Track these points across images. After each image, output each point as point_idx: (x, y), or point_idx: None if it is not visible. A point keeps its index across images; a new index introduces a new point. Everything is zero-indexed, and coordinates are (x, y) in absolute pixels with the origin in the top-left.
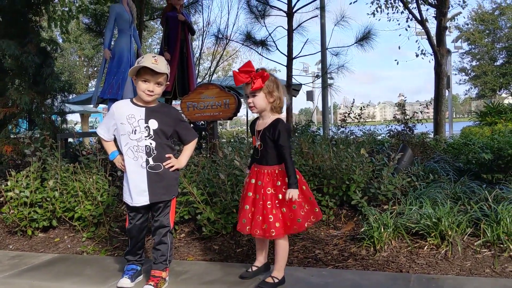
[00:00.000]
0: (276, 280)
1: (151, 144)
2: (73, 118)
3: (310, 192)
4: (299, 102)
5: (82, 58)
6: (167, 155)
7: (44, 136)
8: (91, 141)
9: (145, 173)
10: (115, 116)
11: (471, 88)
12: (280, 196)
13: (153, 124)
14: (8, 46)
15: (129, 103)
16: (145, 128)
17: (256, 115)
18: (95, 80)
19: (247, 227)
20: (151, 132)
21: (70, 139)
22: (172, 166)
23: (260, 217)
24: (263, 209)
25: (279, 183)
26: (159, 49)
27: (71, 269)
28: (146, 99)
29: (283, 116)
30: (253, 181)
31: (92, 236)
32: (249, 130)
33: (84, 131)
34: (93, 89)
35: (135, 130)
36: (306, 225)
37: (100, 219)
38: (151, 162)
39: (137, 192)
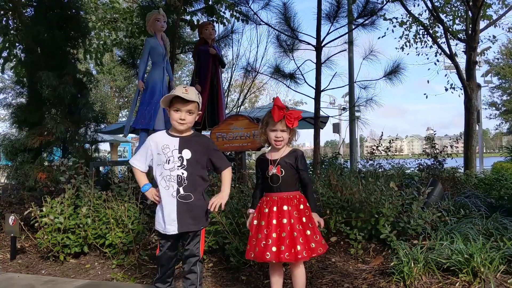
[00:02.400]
0: None
1: (182, 174)
2: (102, 147)
3: None
4: (325, 134)
5: (114, 89)
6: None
7: (78, 164)
8: (119, 170)
9: (175, 203)
10: (152, 147)
11: (502, 123)
12: (305, 219)
13: (187, 154)
14: (47, 77)
15: (165, 133)
16: (178, 158)
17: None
18: (126, 110)
19: (280, 255)
20: (184, 162)
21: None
22: (216, 205)
23: (288, 240)
24: (291, 232)
25: (302, 206)
26: (189, 81)
27: None
28: (179, 128)
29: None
30: (275, 208)
31: (121, 263)
32: (255, 165)
33: (113, 159)
34: (124, 119)
35: (169, 160)
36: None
37: (130, 246)
38: (182, 192)
39: (168, 221)
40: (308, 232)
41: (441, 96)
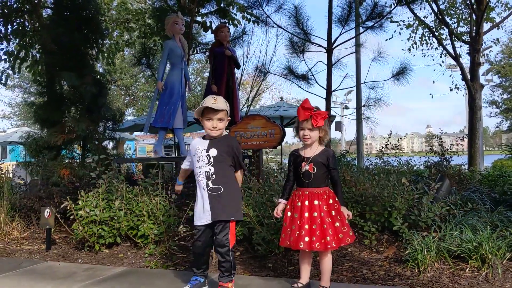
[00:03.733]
0: None
1: (210, 169)
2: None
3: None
4: None
5: (120, 87)
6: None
7: (109, 161)
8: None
9: (207, 195)
10: (191, 151)
11: (502, 121)
12: (334, 212)
13: (213, 152)
14: (69, 77)
15: (200, 139)
16: (206, 156)
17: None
18: (132, 108)
19: (312, 245)
20: (211, 159)
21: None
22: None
23: (318, 232)
24: (322, 224)
25: (331, 201)
26: (193, 79)
27: (142, 281)
28: (212, 134)
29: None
30: (307, 202)
31: (153, 253)
32: (290, 159)
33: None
34: (129, 117)
35: (199, 159)
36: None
37: (161, 237)
38: (211, 185)
39: (202, 211)
40: (337, 224)
41: (444, 95)
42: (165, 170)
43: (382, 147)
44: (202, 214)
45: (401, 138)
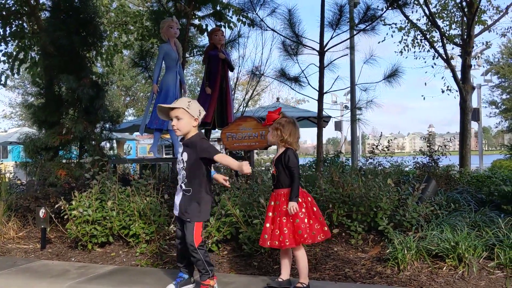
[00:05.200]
0: (304, 285)
1: (184, 174)
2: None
3: (320, 214)
4: (327, 132)
5: (120, 88)
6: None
7: (102, 162)
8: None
9: (181, 193)
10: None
11: (502, 121)
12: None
13: (185, 156)
14: (67, 80)
15: (180, 142)
16: (181, 160)
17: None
18: (132, 108)
19: (268, 242)
20: (185, 164)
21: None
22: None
23: (278, 231)
24: (279, 224)
25: None
26: (193, 80)
27: (132, 278)
28: (177, 134)
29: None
30: (273, 203)
31: (144, 252)
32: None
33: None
34: (130, 117)
35: (179, 161)
36: (318, 239)
37: (152, 236)
38: (184, 187)
39: (175, 205)
40: (297, 221)
41: (443, 94)
42: (160, 170)
43: (373, 148)
44: (176, 206)
45: (391, 140)
